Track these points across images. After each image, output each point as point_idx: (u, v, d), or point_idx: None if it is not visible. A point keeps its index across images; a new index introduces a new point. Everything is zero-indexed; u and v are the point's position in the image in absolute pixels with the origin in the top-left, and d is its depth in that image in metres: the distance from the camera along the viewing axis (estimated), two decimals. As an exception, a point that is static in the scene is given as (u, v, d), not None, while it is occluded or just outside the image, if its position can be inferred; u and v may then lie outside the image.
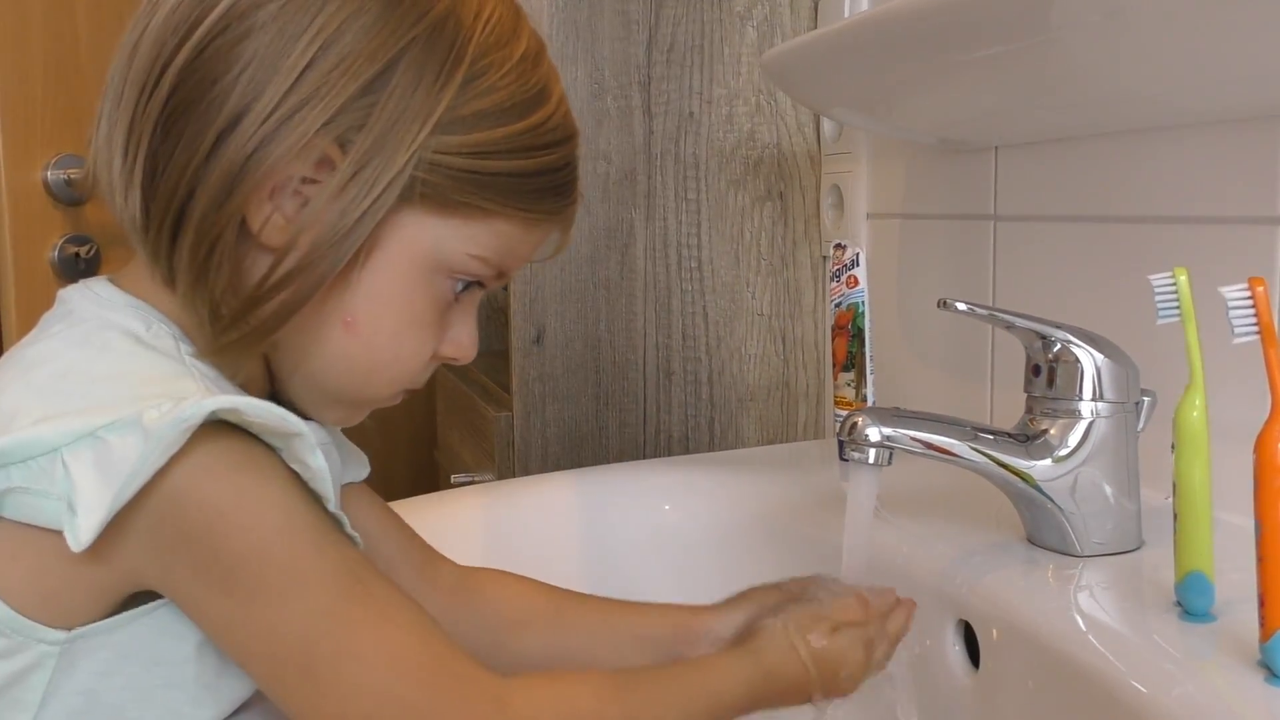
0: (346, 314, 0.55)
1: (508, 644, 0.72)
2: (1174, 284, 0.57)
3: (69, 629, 0.50)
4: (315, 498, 0.52)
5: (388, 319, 0.55)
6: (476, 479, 1.27)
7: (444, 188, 0.53)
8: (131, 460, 0.46)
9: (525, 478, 0.99)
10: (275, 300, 0.53)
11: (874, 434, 0.66)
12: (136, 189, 0.53)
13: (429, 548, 0.73)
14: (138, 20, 0.54)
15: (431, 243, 0.55)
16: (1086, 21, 0.65)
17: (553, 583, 0.88)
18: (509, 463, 1.18)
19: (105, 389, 0.50)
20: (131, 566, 0.49)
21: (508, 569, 0.88)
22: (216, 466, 0.48)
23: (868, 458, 0.66)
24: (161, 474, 0.47)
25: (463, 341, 0.59)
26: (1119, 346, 0.70)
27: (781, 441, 1.23)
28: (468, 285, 0.58)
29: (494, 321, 1.63)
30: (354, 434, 0.69)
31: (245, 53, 0.51)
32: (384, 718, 0.49)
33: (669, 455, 1.20)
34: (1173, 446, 0.58)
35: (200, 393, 0.49)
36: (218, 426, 0.48)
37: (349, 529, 0.54)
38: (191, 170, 0.52)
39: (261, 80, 0.51)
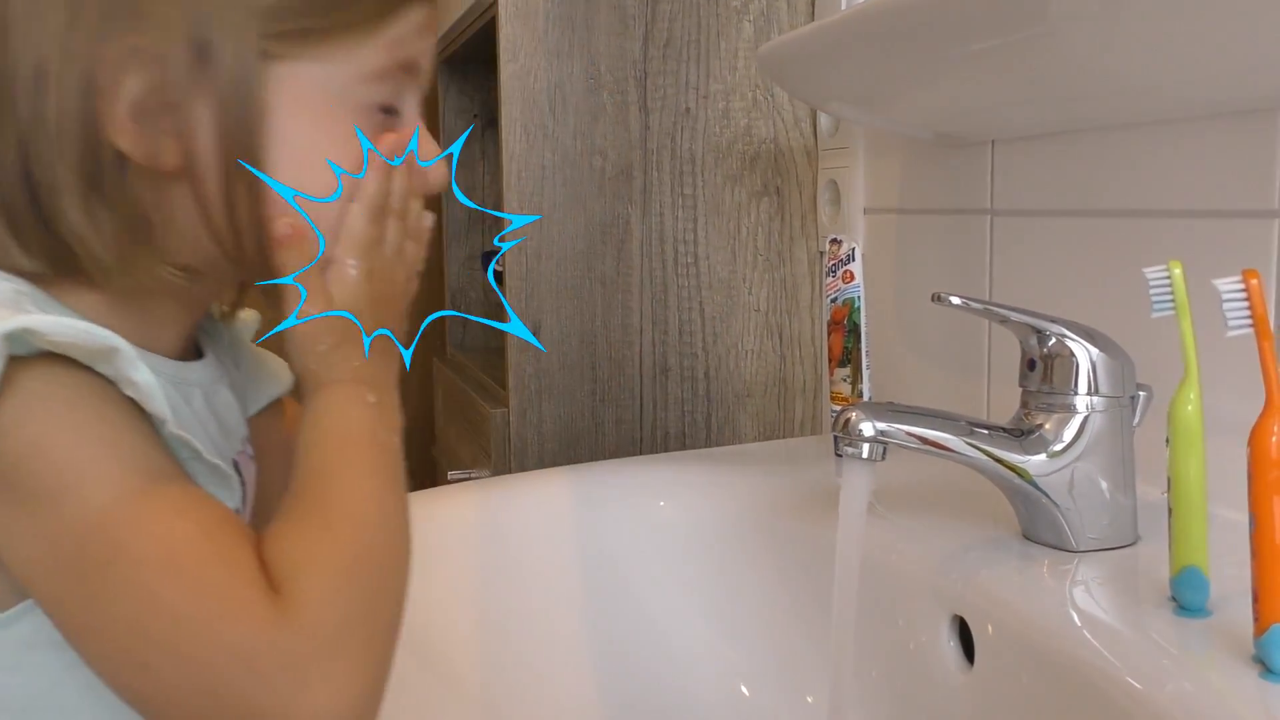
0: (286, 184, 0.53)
1: None
2: (1168, 277, 0.57)
3: None
4: (138, 413, 0.49)
5: (314, 172, 0.54)
6: (473, 475, 1.27)
7: (293, 24, 0.51)
8: None
9: (521, 474, 0.99)
10: (207, 221, 0.52)
11: (868, 429, 0.66)
12: None
13: None
14: None
15: (322, 83, 0.53)
16: (1084, 13, 0.65)
17: (549, 580, 0.88)
18: (505, 459, 1.17)
19: None
20: None
21: (504, 564, 0.88)
22: (15, 388, 0.46)
23: (861, 453, 0.66)
24: None
25: (423, 154, 0.58)
26: (1114, 341, 0.69)
27: (779, 437, 1.23)
28: (389, 110, 0.56)
29: (495, 320, 1.63)
30: None
31: (10, 18, 0.49)
32: (149, 624, 0.45)
33: (665, 451, 1.20)
34: (1167, 441, 0.58)
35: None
36: (38, 360, 0.46)
37: (207, 455, 0.51)
38: (34, 152, 0.50)
39: (38, 22, 0.49)
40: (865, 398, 0.95)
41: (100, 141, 0.50)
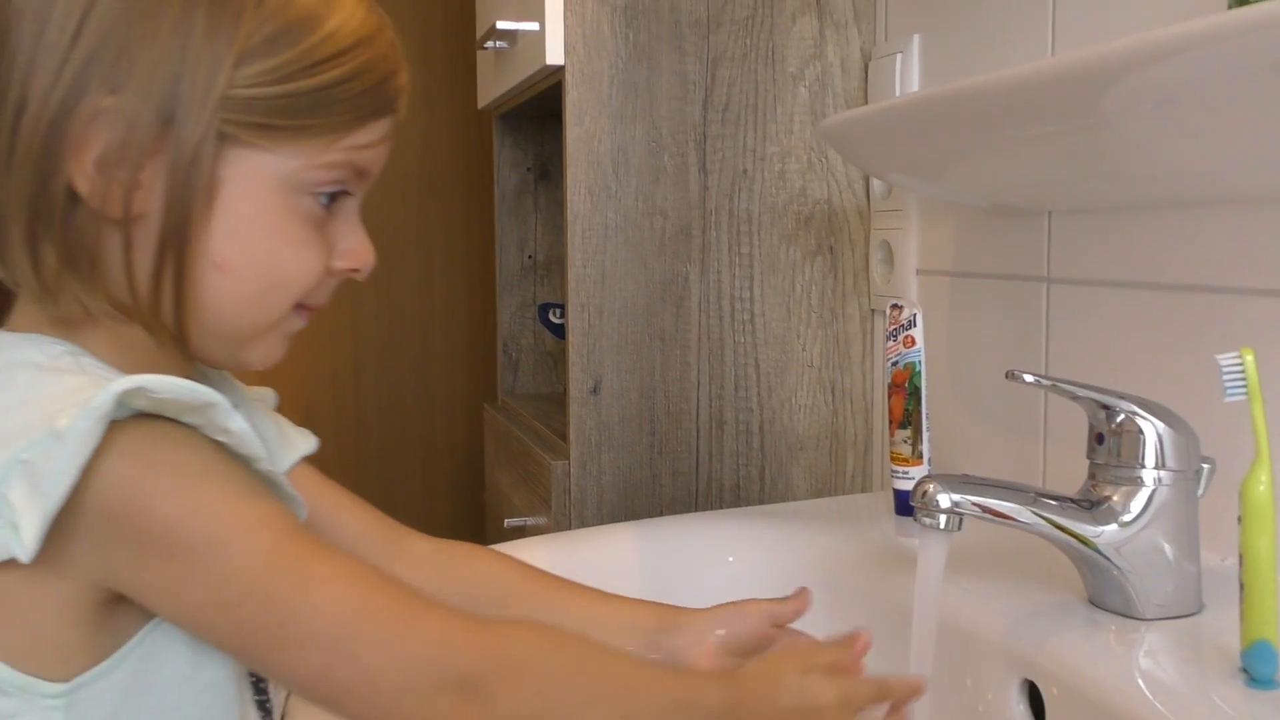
0: (215, 257, 0.55)
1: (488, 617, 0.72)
2: (1241, 364, 0.60)
3: (68, 680, 0.52)
4: (239, 460, 0.52)
5: (258, 249, 0.56)
6: (529, 523, 1.30)
7: (259, 119, 0.54)
8: (55, 465, 0.47)
9: (591, 528, 1.02)
10: (142, 271, 0.55)
11: (945, 501, 0.69)
12: None
13: (396, 523, 0.74)
14: None
15: (271, 169, 0.56)
16: (1138, 110, 0.68)
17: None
18: (565, 509, 1.20)
19: (16, 418, 0.50)
20: (82, 569, 0.50)
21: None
22: (133, 448, 0.49)
23: (939, 524, 0.69)
24: (87, 473, 0.48)
25: (356, 250, 0.60)
26: (1178, 415, 0.72)
27: (830, 491, 1.26)
28: (334, 196, 0.59)
29: (550, 369, 1.66)
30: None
31: (12, 45, 0.52)
32: (360, 624, 0.50)
33: (720, 504, 1.23)
34: (1239, 519, 0.60)
35: (103, 382, 0.49)
36: (133, 420, 0.50)
37: (290, 489, 0.55)
38: (12, 181, 0.53)
39: (34, 63, 0.52)
40: (925, 459, 0.98)
41: (58, 178, 0.53)
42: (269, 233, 0.56)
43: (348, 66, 0.57)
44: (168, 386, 0.50)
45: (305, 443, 0.72)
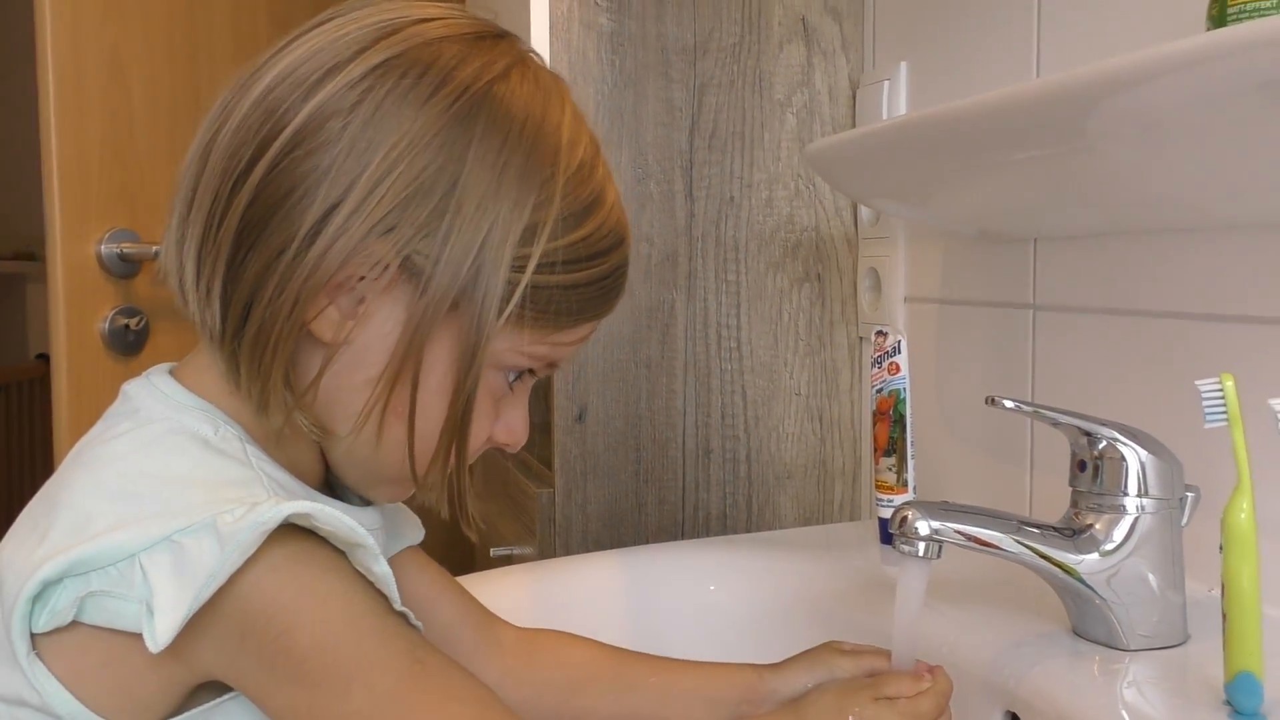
0: (397, 406, 0.56)
1: (572, 704, 0.73)
2: (1221, 390, 0.59)
3: None
4: (377, 592, 0.53)
5: (439, 411, 0.57)
6: (515, 552, 1.29)
7: (500, 306, 0.55)
8: (208, 564, 0.48)
9: (572, 557, 1.01)
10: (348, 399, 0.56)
11: (924, 527, 0.68)
12: (215, 301, 0.55)
13: (487, 611, 0.75)
14: (210, 122, 0.56)
15: (494, 346, 0.57)
16: (1120, 133, 0.67)
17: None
18: (550, 538, 1.19)
19: (178, 493, 0.51)
20: (203, 662, 0.51)
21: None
22: (284, 565, 0.50)
23: (918, 551, 0.68)
24: (234, 577, 0.49)
25: (515, 428, 0.61)
26: (1162, 443, 0.71)
27: (818, 520, 1.25)
28: (520, 374, 0.60)
29: (539, 398, 1.65)
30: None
31: (319, 167, 0.53)
32: None
33: (707, 533, 1.22)
34: (1220, 548, 0.59)
35: (272, 499, 0.51)
36: (287, 529, 0.50)
37: (413, 620, 0.55)
38: (266, 279, 0.54)
39: (335, 194, 0.53)
40: (910, 486, 0.97)
41: (311, 312, 0.55)
42: (454, 399, 0.57)
43: (605, 265, 0.59)
44: (330, 520, 0.51)
45: (414, 533, 0.73)
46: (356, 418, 0.56)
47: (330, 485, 0.64)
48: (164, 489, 0.52)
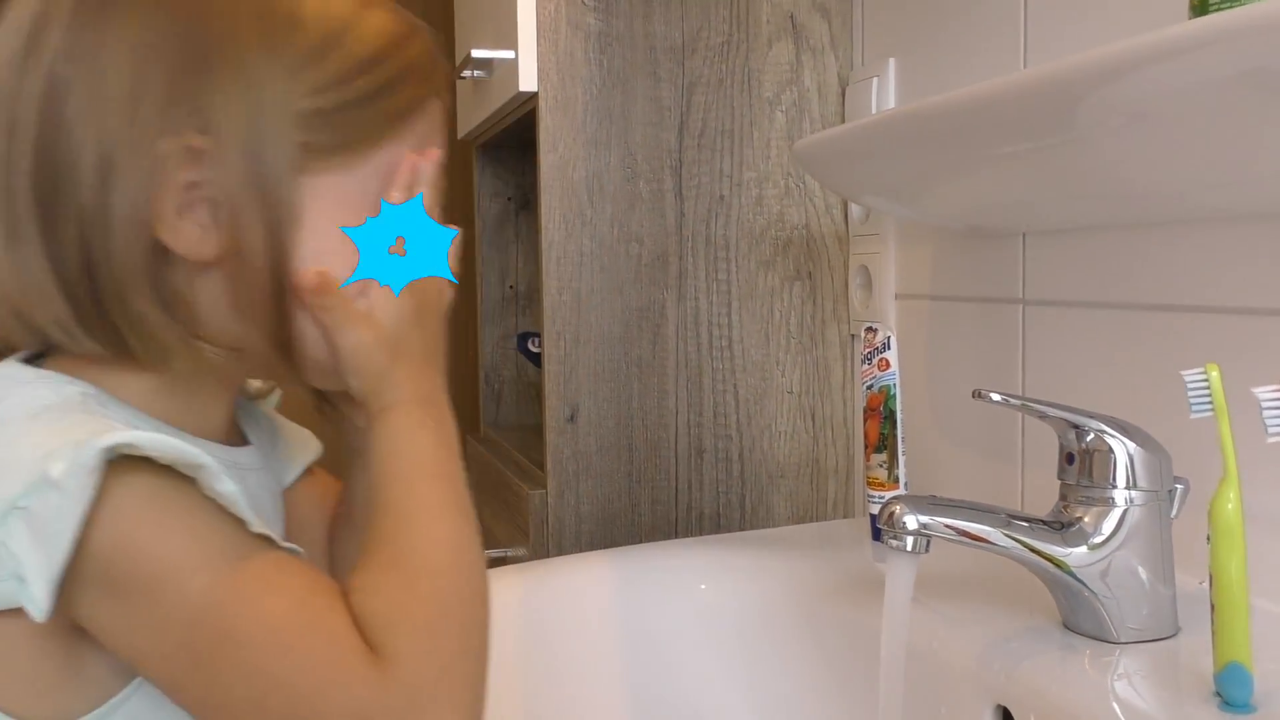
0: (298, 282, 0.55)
1: None
2: (1206, 380, 0.59)
3: None
4: (230, 516, 0.51)
5: (344, 265, 0.56)
6: (509, 554, 1.29)
7: (330, 138, 0.55)
8: (54, 518, 0.47)
9: (562, 557, 1.01)
10: (246, 307, 0.55)
11: (911, 522, 0.68)
12: (56, 293, 0.53)
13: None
14: None
15: (351, 185, 0.56)
16: (1111, 124, 0.67)
17: (591, 662, 0.89)
18: (543, 539, 1.19)
19: (7, 459, 0.50)
20: (82, 619, 0.50)
21: (546, 647, 0.89)
22: (129, 504, 0.49)
23: (905, 545, 0.68)
24: (90, 520, 0.47)
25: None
26: (1150, 435, 0.71)
27: (811, 518, 1.24)
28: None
29: (532, 400, 1.65)
30: None
31: (71, 113, 0.52)
32: (266, 700, 0.49)
33: (701, 532, 1.21)
34: (1208, 539, 0.59)
35: (98, 432, 0.49)
36: (132, 467, 0.49)
37: (284, 545, 0.54)
38: (91, 241, 0.52)
39: (101, 127, 0.52)
40: (901, 483, 0.97)
41: (154, 234, 0.53)
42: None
43: (400, 59, 0.58)
44: (157, 445, 0.49)
45: (306, 454, 0.71)
46: (269, 315, 0.55)
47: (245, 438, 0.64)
48: None
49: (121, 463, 0.49)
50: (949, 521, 0.68)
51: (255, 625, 0.49)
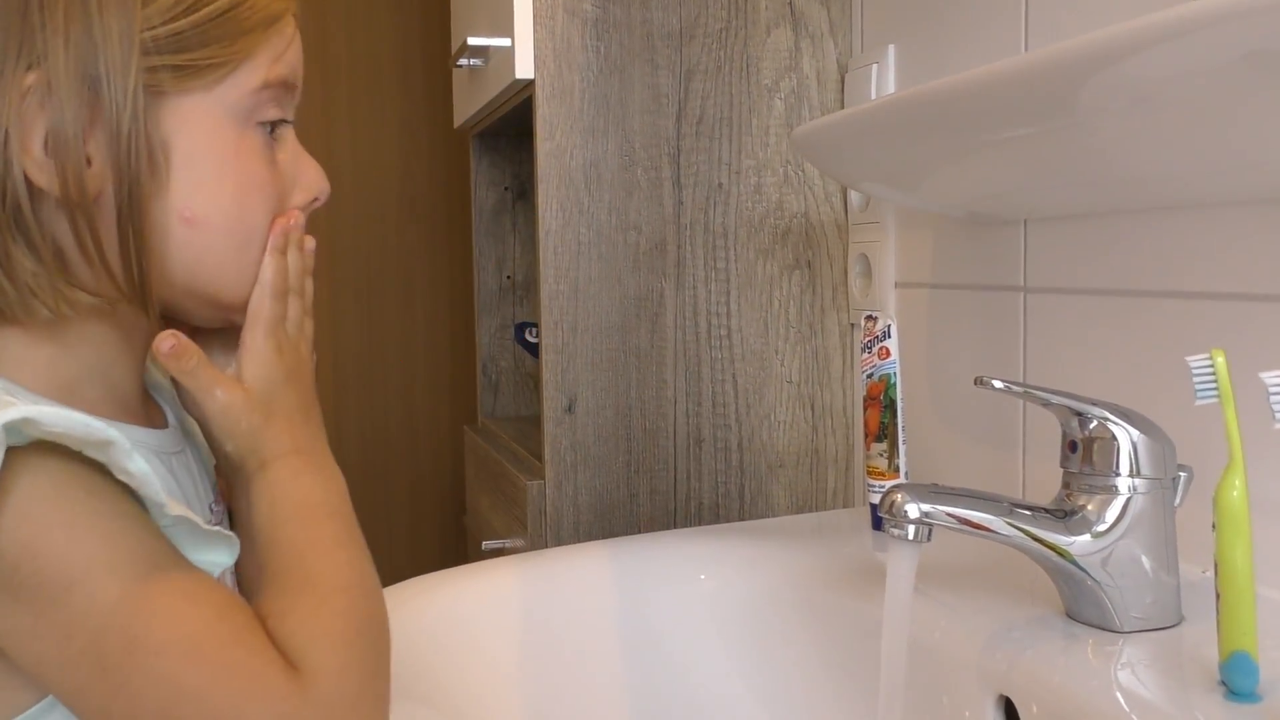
0: (183, 213, 0.55)
1: None
2: (1211, 366, 0.58)
3: None
4: (136, 505, 0.51)
5: (223, 194, 0.56)
6: (508, 545, 1.28)
7: (183, 59, 0.54)
8: None
9: (561, 548, 1.00)
10: (102, 248, 0.53)
11: (913, 510, 0.67)
12: None
13: None
14: None
15: (214, 109, 0.55)
16: (1113, 107, 0.66)
17: (591, 653, 0.88)
18: (541, 530, 1.18)
19: None
20: None
21: (545, 638, 0.88)
22: (31, 497, 0.48)
23: (907, 534, 0.67)
24: None
25: (310, 178, 0.61)
26: (1154, 422, 0.70)
27: (811, 508, 1.24)
28: (274, 125, 0.59)
29: (531, 390, 1.65)
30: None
31: None
32: (176, 710, 0.48)
33: (700, 522, 1.21)
34: (1214, 526, 0.58)
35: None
36: (41, 453, 0.48)
37: (211, 526, 0.53)
38: None
39: None
40: (902, 472, 0.96)
41: (11, 176, 0.51)
42: (229, 175, 0.56)
43: None
44: (58, 420, 0.47)
45: None
46: (155, 253, 0.54)
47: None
48: None
49: (26, 451, 0.47)
50: (951, 510, 0.68)
51: (170, 633, 0.48)
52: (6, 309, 0.53)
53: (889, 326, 0.96)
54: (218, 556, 0.54)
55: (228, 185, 0.56)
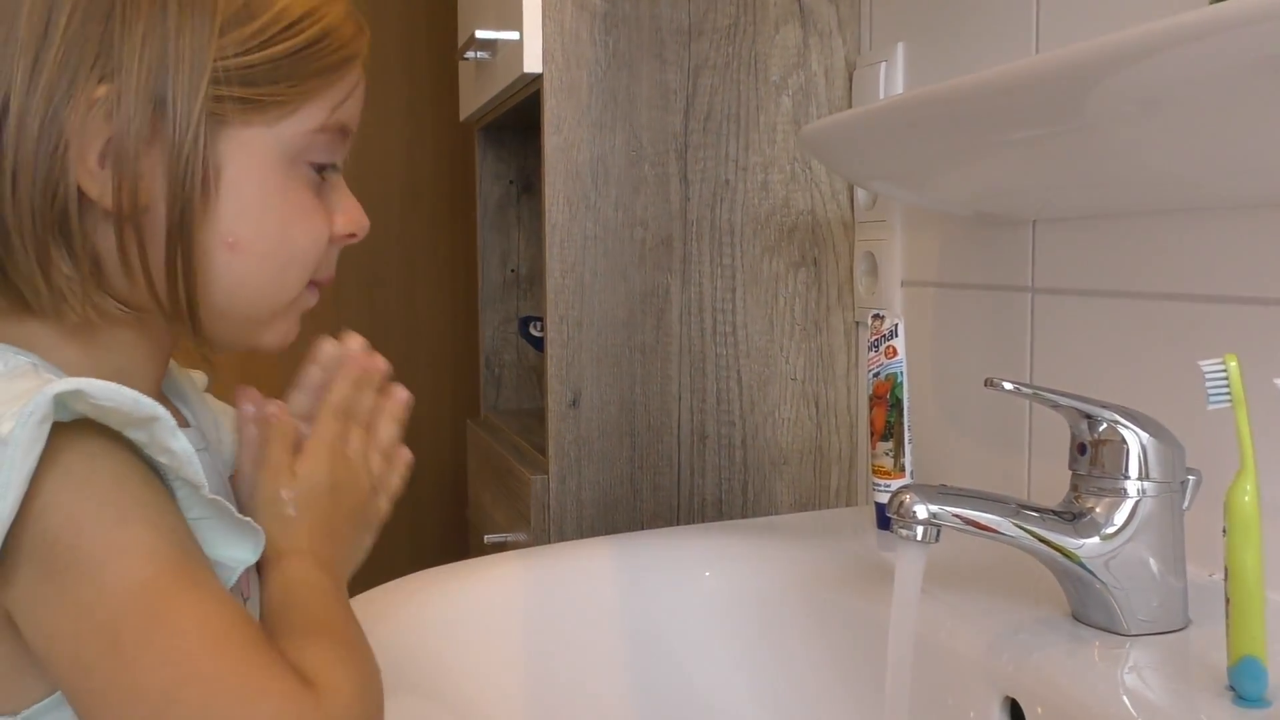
0: (227, 238, 0.55)
1: None
2: (1224, 370, 0.58)
3: (15, 714, 0.51)
4: (162, 487, 0.51)
5: (269, 224, 0.57)
6: (510, 539, 1.28)
7: (250, 92, 0.54)
8: (2, 469, 0.46)
9: (565, 543, 1.00)
10: (145, 263, 0.54)
11: (921, 511, 0.67)
12: None
13: None
14: None
15: (271, 143, 0.56)
16: (1125, 110, 0.66)
17: (594, 649, 0.88)
18: (544, 525, 1.18)
19: None
20: (13, 599, 0.49)
21: (549, 634, 0.88)
22: (56, 469, 0.48)
23: (915, 535, 0.67)
24: (32, 492, 0.47)
25: (352, 214, 0.62)
26: (1164, 425, 0.70)
27: (814, 506, 1.24)
28: (322, 167, 0.60)
29: (533, 384, 1.64)
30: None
31: None
32: (181, 693, 0.47)
33: (702, 518, 1.21)
34: (1224, 531, 0.58)
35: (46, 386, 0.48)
36: (79, 434, 0.48)
37: (236, 515, 0.54)
38: (12, 201, 0.51)
39: (8, 67, 0.51)
40: (907, 472, 0.96)
41: (64, 183, 0.52)
42: (277, 206, 0.57)
43: (323, 22, 0.57)
44: (109, 394, 0.48)
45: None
46: (170, 273, 0.55)
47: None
48: None
49: (72, 427, 0.48)
50: (959, 511, 0.68)
51: (195, 619, 0.49)
52: (38, 306, 0.54)
53: (896, 325, 0.96)
54: (242, 553, 0.55)
55: (271, 216, 0.57)
